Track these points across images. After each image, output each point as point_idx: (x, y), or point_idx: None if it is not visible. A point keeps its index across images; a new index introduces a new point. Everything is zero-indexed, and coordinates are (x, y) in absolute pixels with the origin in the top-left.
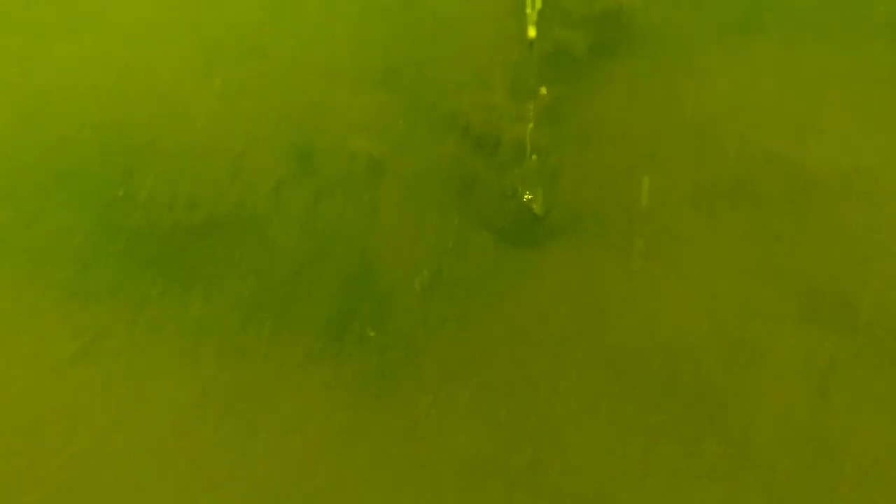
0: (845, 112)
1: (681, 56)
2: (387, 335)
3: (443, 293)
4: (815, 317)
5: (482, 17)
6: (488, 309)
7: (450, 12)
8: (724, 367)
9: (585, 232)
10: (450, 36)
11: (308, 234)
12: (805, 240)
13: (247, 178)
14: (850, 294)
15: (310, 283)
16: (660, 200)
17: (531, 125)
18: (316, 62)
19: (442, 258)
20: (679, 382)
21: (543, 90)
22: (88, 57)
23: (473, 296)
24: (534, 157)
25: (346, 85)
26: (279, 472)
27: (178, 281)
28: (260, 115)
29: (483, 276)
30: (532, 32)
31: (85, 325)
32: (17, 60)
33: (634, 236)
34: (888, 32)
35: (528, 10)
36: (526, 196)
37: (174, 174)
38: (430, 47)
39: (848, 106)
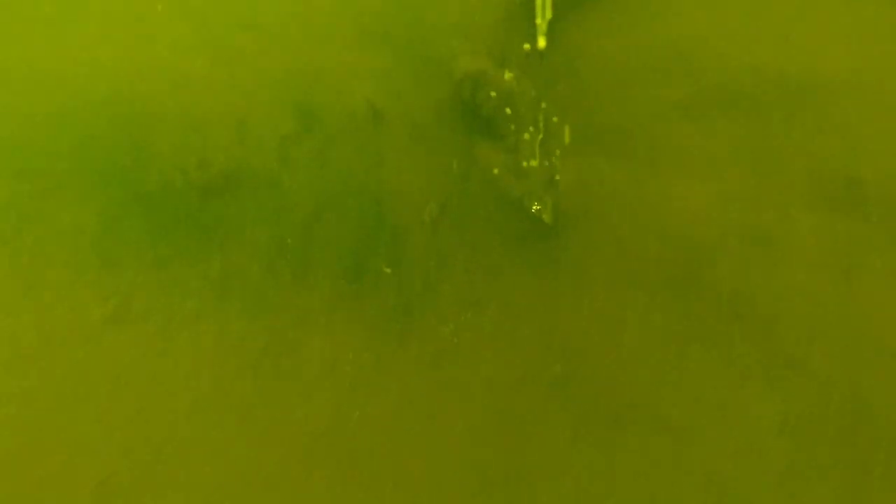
0: (825, 21)
1: None
2: (402, 270)
3: (452, 224)
4: (822, 203)
5: None
6: (499, 235)
7: None
8: (743, 263)
9: (588, 151)
10: None
11: (317, 183)
12: (799, 135)
13: (252, 139)
14: (852, 177)
15: (324, 229)
16: (655, 115)
17: (522, 66)
18: (308, 26)
19: (449, 192)
20: (701, 286)
21: (540, 42)
22: (91, 37)
23: (482, 224)
24: (531, 92)
25: (340, 45)
26: (317, 415)
27: (197, 239)
28: (258, 79)
29: (489, 205)
30: (542, 43)
31: (112, 289)
32: (25, 44)
33: (637, 148)
34: None
35: (539, 21)
36: (527, 132)
37: (181, 140)
38: (421, 4)
39: (827, 15)
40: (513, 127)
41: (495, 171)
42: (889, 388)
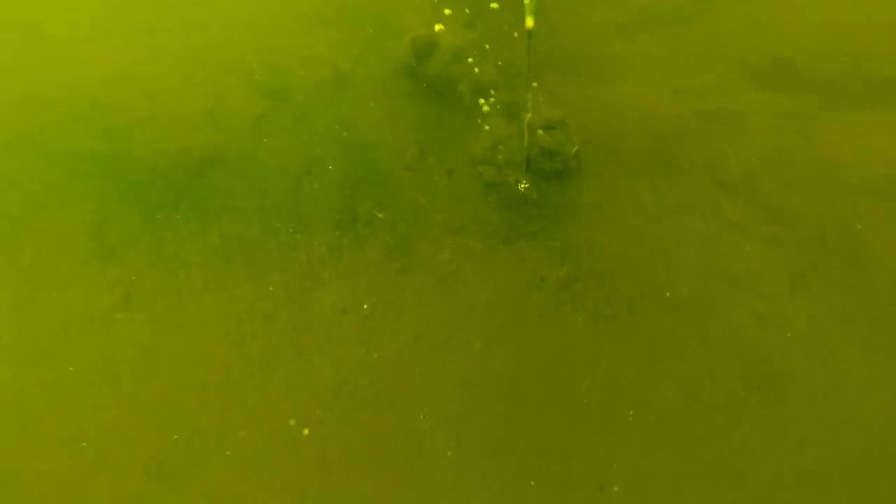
0: None
1: None
2: (392, 212)
3: (431, 164)
4: (761, 83)
5: None
6: (473, 167)
7: None
8: (709, 139)
9: (545, 76)
10: None
11: (297, 148)
12: (726, 32)
13: (227, 123)
14: (778, 57)
15: (312, 187)
16: (602, 36)
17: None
18: (268, 12)
19: (423, 135)
20: (679, 162)
21: (528, 22)
22: (63, 52)
23: (457, 157)
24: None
25: (299, 25)
26: (338, 363)
27: (190, 217)
28: (226, 69)
29: (460, 140)
30: (530, 23)
31: (117, 276)
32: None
33: (593, 67)
34: None
35: (526, 1)
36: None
37: (158, 134)
38: None
39: None
40: (473, 70)
41: (460, 110)
42: (871, 217)
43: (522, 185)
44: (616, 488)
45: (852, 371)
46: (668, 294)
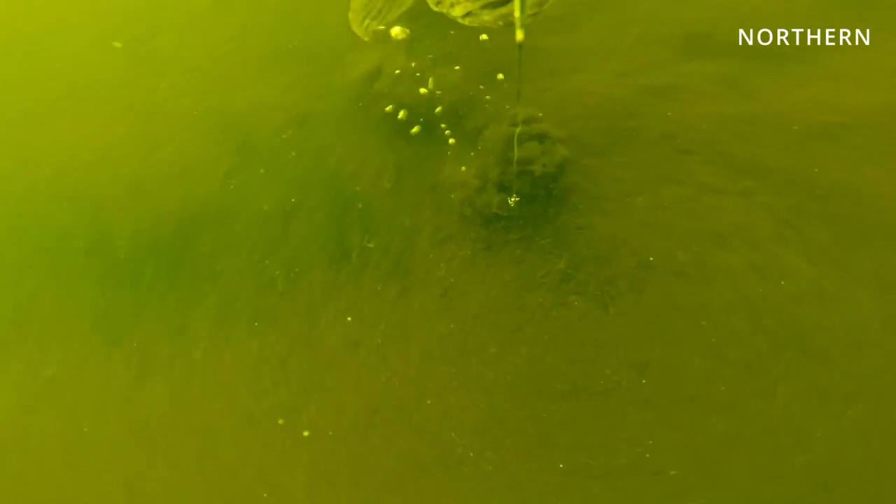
0: None
1: None
2: (381, 238)
3: (409, 184)
4: (693, 54)
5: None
6: (451, 181)
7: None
8: (661, 109)
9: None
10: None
11: (273, 195)
12: (658, 10)
13: (198, 182)
14: (710, 33)
15: (298, 231)
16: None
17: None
18: (223, 65)
19: (398, 159)
20: (641, 135)
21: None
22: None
23: (432, 176)
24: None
25: (254, 75)
26: (364, 397)
27: (186, 281)
28: (191, 133)
29: (433, 160)
30: (520, 35)
31: (128, 354)
32: None
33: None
34: None
35: (517, 14)
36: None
37: (133, 204)
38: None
39: None
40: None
41: (415, 130)
42: (823, 159)
43: (512, 199)
44: (673, 472)
45: (865, 312)
46: (667, 262)
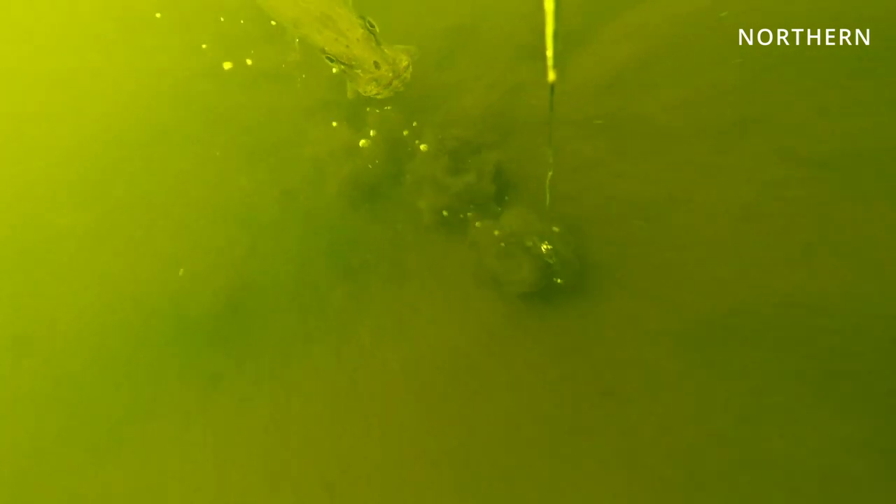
0: None
1: None
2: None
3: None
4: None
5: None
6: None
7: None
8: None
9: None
10: None
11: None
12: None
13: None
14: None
15: (312, 296)
16: None
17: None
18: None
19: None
20: (626, 116)
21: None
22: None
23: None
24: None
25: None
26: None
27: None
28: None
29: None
30: (552, 76)
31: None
32: None
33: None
34: None
35: (549, 53)
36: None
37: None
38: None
39: None
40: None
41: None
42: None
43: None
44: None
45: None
46: (668, 253)
